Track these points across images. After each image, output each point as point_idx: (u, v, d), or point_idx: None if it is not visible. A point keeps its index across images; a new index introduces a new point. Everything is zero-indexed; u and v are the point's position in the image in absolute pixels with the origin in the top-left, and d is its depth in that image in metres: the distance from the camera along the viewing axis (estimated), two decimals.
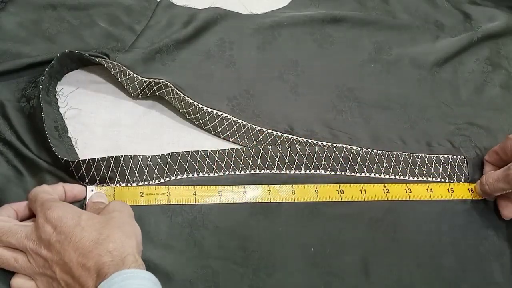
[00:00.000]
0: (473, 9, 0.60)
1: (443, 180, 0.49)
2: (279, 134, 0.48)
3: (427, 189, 0.48)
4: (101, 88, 0.48)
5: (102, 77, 0.48)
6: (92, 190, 0.42)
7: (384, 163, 0.48)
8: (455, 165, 0.50)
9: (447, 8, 0.60)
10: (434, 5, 0.60)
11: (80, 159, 0.41)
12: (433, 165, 0.49)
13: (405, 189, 0.47)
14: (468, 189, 0.49)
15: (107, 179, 0.42)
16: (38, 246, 0.35)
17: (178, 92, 0.47)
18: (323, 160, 0.47)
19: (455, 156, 0.50)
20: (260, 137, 0.47)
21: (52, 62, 0.43)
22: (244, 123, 0.48)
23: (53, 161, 0.41)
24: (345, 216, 0.45)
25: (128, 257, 0.34)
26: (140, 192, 0.42)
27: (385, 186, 0.47)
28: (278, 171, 0.46)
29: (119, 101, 0.48)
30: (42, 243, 0.35)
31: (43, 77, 0.42)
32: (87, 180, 0.41)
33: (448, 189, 0.48)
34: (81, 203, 0.41)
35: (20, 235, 0.36)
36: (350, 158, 0.47)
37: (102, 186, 0.42)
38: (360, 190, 0.46)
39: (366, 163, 0.48)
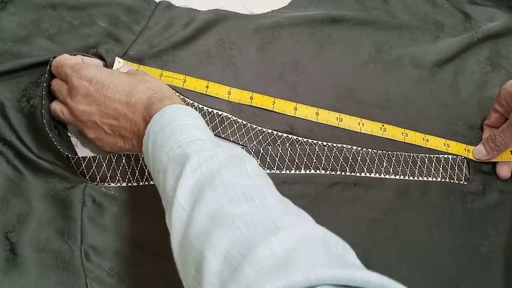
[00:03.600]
0: (473, 9, 0.60)
1: (443, 179, 0.49)
2: (279, 134, 0.48)
3: (423, 138, 0.50)
4: None
5: None
6: (119, 62, 0.47)
7: (384, 163, 0.48)
8: (455, 165, 0.50)
9: (447, 8, 0.60)
10: (434, 5, 0.60)
11: (80, 156, 0.41)
12: (433, 165, 0.49)
13: (402, 133, 0.50)
14: (465, 148, 0.50)
15: (108, 177, 0.42)
16: (75, 102, 0.40)
17: (178, 93, 0.47)
18: (323, 160, 0.47)
19: (455, 156, 0.50)
20: (260, 137, 0.47)
21: (51, 60, 0.43)
22: (244, 123, 0.48)
23: (55, 157, 0.41)
24: (345, 217, 0.45)
25: (168, 92, 0.39)
26: None
27: (383, 125, 0.50)
28: (278, 171, 0.46)
29: None
30: (80, 98, 0.39)
31: (46, 75, 0.43)
32: (87, 177, 0.41)
33: (444, 143, 0.50)
34: None
35: (64, 92, 0.41)
36: (350, 158, 0.47)
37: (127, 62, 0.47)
38: (359, 123, 0.50)
39: (366, 163, 0.48)
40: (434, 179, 0.48)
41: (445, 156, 0.50)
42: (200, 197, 0.29)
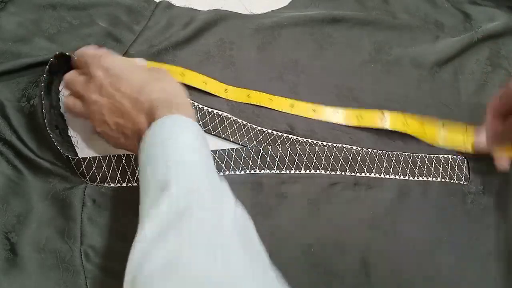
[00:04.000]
0: (473, 9, 0.60)
1: (443, 179, 0.49)
2: (279, 134, 0.48)
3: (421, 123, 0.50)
4: None
5: None
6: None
7: (384, 163, 0.48)
8: (455, 165, 0.50)
9: (447, 8, 0.60)
10: (434, 5, 0.60)
11: (80, 157, 0.41)
12: (433, 165, 0.49)
13: (403, 123, 0.49)
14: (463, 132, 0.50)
15: (108, 178, 0.42)
16: (89, 92, 0.39)
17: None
18: (323, 160, 0.47)
19: (455, 156, 0.50)
20: (260, 137, 0.48)
21: (51, 59, 0.43)
22: (244, 123, 0.48)
23: (55, 157, 0.41)
24: (345, 217, 0.45)
25: (180, 99, 0.38)
26: None
27: (382, 113, 0.49)
28: (278, 171, 0.46)
29: None
30: (94, 89, 0.39)
31: (44, 75, 0.43)
32: (87, 178, 0.41)
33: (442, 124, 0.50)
34: None
35: (79, 84, 0.40)
36: (350, 158, 0.47)
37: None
38: (357, 116, 0.49)
39: (366, 163, 0.48)
40: (434, 179, 0.49)
41: (445, 156, 0.50)
42: (165, 235, 0.28)
